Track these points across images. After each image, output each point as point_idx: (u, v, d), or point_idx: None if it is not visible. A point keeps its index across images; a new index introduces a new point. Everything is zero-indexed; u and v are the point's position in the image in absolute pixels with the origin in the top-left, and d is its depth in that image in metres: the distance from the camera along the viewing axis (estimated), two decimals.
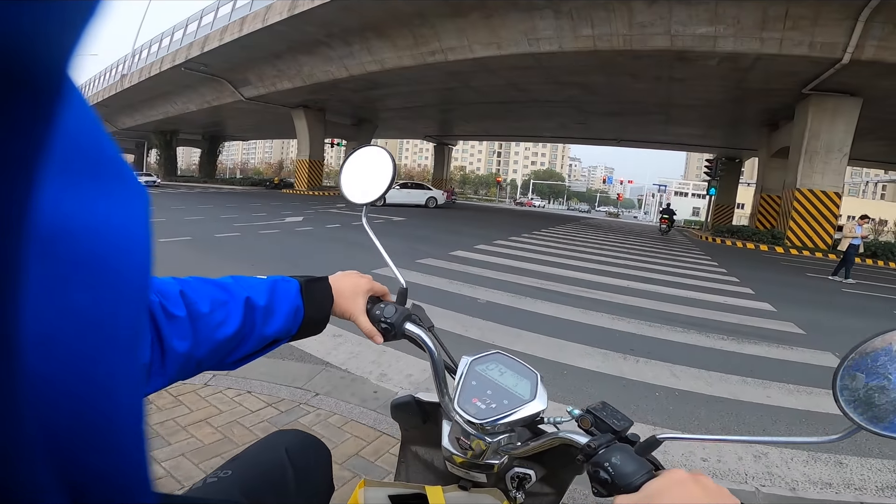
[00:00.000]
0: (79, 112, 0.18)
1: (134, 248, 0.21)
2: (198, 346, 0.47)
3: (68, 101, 0.16)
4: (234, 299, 0.53)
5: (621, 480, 0.49)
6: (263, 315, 0.56)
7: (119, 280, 0.20)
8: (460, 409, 0.63)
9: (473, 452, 0.64)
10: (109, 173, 0.20)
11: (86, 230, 0.18)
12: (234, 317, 0.51)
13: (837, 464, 2.28)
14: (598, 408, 0.59)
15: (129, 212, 0.21)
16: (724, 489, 0.45)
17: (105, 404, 0.20)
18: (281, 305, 0.58)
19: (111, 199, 0.20)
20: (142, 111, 33.81)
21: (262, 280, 0.59)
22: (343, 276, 0.71)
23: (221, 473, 0.63)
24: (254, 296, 0.55)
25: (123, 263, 0.20)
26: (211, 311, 0.49)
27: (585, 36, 12.47)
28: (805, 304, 6.19)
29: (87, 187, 0.19)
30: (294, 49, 18.23)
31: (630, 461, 0.51)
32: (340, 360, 2.95)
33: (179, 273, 0.53)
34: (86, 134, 0.19)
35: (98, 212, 0.19)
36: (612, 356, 3.48)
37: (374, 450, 2.01)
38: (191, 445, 1.91)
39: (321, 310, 0.65)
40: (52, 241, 0.17)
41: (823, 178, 14.04)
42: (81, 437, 0.20)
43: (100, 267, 0.19)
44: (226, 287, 0.53)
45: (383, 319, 0.70)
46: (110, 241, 0.19)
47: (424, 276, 5.73)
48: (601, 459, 0.52)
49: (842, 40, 10.71)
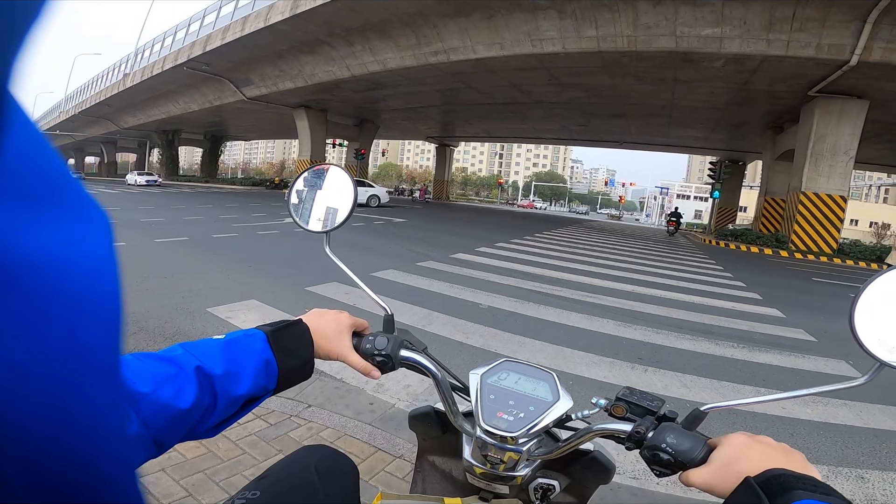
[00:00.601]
0: (25, 133, 0.17)
1: (99, 274, 0.19)
2: (147, 427, 0.43)
3: (11, 121, 0.15)
4: (183, 371, 0.48)
5: (683, 457, 0.50)
6: (224, 380, 0.51)
7: (87, 308, 0.19)
8: (488, 426, 0.60)
9: (505, 465, 0.62)
10: (65, 199, 0.19)
11: (45, 260, 0.17)
12: (186, 390, 0.47)
13: (859, 478, 2.17)
14: (626, 393, 0.60)
15: (90, 238, 0.19)
16: (785, 445, 0.47)
17: (87, 435, 0.20)
18: (245, 364, 0.53)
19: (70, 226, 0.18)
20: (144, 110, 33.77)
21: (218, 342, 0.53)
22: (320, 315, 0.66)
23: (249, 495, 0.61)
24: (206, 363, 0.50)
25: (90, 291, 0.19)
26: (154, 389, 0.44)
27: (589, 37, 12.34)
28: (814, 310, 6.05)
29: (43, 214, 0.17)
30: (296, 49, 18.15)
31: (685, 437, 0.51)
32: (335, 370, 2.82)
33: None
34: (34, 158, 0.17)
35: (57, 240, 0.18)
36: (620, 365, 3.35)
37: (368, 467, 1.89)
38: (172, 460, 1.79)
39: (299, 356, 0.59)
40: (14, 272, 0.16)
41: (829, 182, 13.88)
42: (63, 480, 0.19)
43: (65, 297, 0.18)
44: (171, 359, 0.48)
45: (377, 352, 0.66)
46: (73, 270, 0.18)
47: (425, 280, 5.61)
48: (656, 442, 0.52)
49: (849, 42, 10.58)
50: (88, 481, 0.20)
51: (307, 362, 0.60)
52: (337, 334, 0.64)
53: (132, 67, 29.13)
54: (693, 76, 14.08)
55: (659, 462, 0.52)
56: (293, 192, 0.78)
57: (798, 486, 0.40)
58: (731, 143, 24.58)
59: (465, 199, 63.72)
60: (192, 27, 22.13)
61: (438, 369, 0.67)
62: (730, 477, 0.45)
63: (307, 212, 0.77)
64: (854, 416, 2.83)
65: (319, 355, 0.63)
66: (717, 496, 0.46)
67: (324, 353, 0.63)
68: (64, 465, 0.19)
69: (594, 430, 0.59)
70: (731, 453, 0.47)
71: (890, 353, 0.48)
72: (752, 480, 0.42)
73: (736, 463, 0.45)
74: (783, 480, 0.41)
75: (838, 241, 14.38)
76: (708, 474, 0.47)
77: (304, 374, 0.60)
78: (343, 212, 0.76)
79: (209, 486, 1.67)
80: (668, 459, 0.51)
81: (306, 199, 0.78)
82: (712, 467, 0.47)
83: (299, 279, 5.18)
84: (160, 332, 3.24)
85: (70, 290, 0.18)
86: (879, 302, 0.50)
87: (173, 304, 3.93)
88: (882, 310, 0.49)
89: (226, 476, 1.73)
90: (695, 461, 0.50)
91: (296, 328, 0.61)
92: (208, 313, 3.77)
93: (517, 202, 70.82)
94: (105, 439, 0.21)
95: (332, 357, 0.64)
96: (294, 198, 0.78)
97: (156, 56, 25.67)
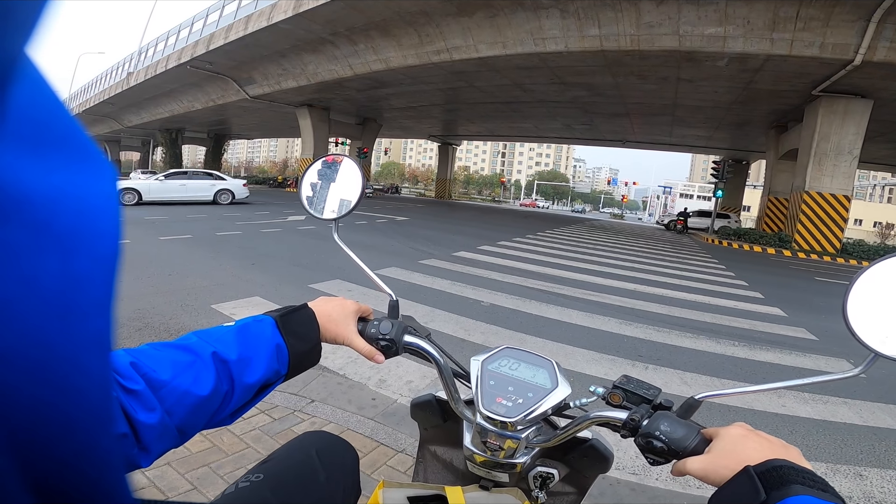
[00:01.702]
0: (38, 88, 0.18)
1: (98, 212, 0.20)
2: (171, 414, 0.44)
3: (21, 70, 0.16)
4: (200, 358, 0.49)
5: (677, 445, 0.51)
6: (239, 366, 0.52)
7: (84, 243, 0.20)
8: (487, 411, 0.61)
9: (505, 452, 0.63)
10: (72, 148, 0.20)
11: (45, 196, 0.18)
12: (205, 377, 0.48)
13: (857, 476, 2.18)
14: (623, 382, 0.60)
15: (93, 182, 0.20)
16: (780, 440, 0.47)
17: (72, 375, 0.20)
18: (258, 349, 0.54)
19: (74, 170, 0.19)
20: (148, 109, 33.89)
21: (230, 328, 0.54)
22: (326, 301, 0.67)
23: (253, 478, 0.63)
24: (221, 349, 0.51)
25: (88, 229, 0.20)
26: (174, 376, 0.45)
27: (592, 36, 12.33)
28: (816, 309, 6.04)
29: (47, 159, 0.18)
30: (299, 48, 18.18)
31: (679, 426, 0.52)
32: (338, 365, 2.84)
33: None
34: (45, 109, 0.19)
35: (59, 180, 0.19)
36: (621, 362, 3.37)
37: (370, 461, 1.91)
38: (177, 454, 1.81)
39: (307, 340, 0.60)
40: (11, 208, 0.17)
41: (833, 181, 13.85)
42: (45, 417, 0.19)
43: (62, 233, 0.19)
44: (188, 347, 0.50)
45: (381, 336, 0.67)
46: (73, 208, 0.19)
47: (427, 278, 5.63)
48: (650, 430, 0.52)
49: (853, 41, 10.55)
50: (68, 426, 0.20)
51: (315, 346, 0.61)
52: (343, 318, 0.65)
53: (136, 66, 29.23)
54: (696, 75, 14.04)
55: (653, 450, 0.52)
56: (305, 183, 0.81)
57: (797, 479, 0.40)
58: (735, 142, 24.51)
59: (467, 198, 63.59)
60: (195, 26, 22.20)
61: (441, 355, 0.68)
62: (729, 464, 0.45)
63: (319, 201, 0.80)
64: (853, 414, 2.84)
65: (326, 339, 0.64)
66: (713, 484, 0.46)
67: (330, 337, 0.64)
68: (44, 405, 0.19)
69: (591, 418, 0.60)
70: (729, 443, 0.47)
71: (883, 343, 0.48)
72: (751, 469, 0.42)
73: (734, 453, 0.46)
74: (783, 472, 0.41)
75: (842, 241, 14.33)
76: (705, 462, 0.47)
77: (313, 358, 0.61)
78: (351, 199, 0.78)
79: (214, 479, 1.70)
80: (661, 447, 0.51)
81: (318, 189, 0.80)
82: (710, 456, 0.47)
83: (303, 276, 5.21)
84: (165, 328, 3.28)
85: (67, 224, 0.19)
86: (872, 292, 0.49)
87: (178, 300, 3.96)
88: (875, 300, 0.49)
89: (230, 470, 1.76)
90: (687, 450, 0.50)
91: (302, 313, 0.62)
92: (213, 310, 3.80)
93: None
94: (90, 377, 0.21)
95: (338, 341, 0.65)
96: (304, 186, 0.81)
97: (159, 55, 25.77)
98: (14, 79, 0.15)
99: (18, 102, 0.16)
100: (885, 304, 0.48)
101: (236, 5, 18.89)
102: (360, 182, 0.78)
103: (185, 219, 10.08)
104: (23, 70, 0.16)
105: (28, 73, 0.17)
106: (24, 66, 0.16)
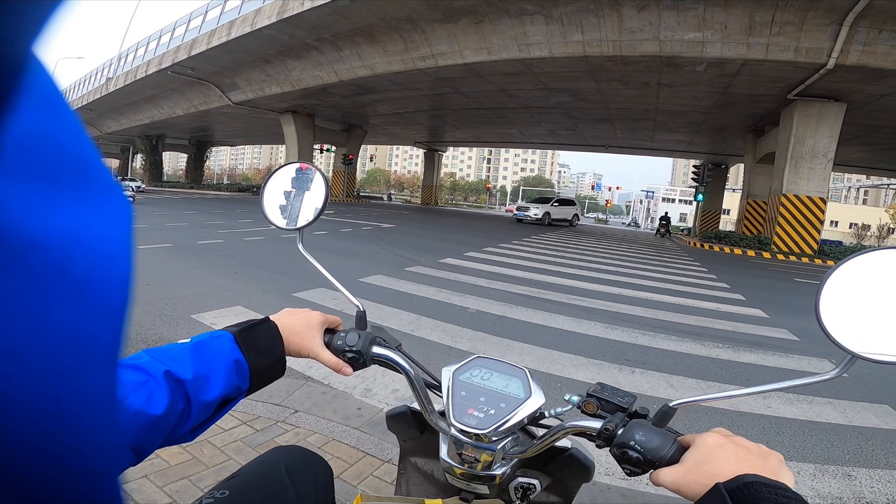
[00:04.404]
0: (51, 108, 0.16)
1: (112, 259, 0.19)
2: (122, 434, 0.42)
3: (34, 94, 0.14)
4: (152, 378, 0.47)
5: (653, 455, 0.49)
6: (195, 384, 0.50)
7: (94, 293, 0.18)
8: (458, 423, 0.59)
9: (481, 464, 0.61)
10: (88, 180, 0.18)
11: (55, 240, 0.16)
12: (157, 396, 0.46)
13: (846, 476, 2.18)
14: (598, 390, 0.59)
15: (107, 222, 0.19)
16: (761, 445, 0.46)
17: (78, 430, 0.19)
18: (215, 366, 0.53)
19: (89, 209, 0.18)
20: (127, 115, 33.28)
21: (185, 346, 0.53)
22: (290, 313, 0.66)
23: (218, 494, 0.60)
24: (175, 368, 0.49)
25: (101, 277, 0.18)
26: (124, 396, 0.44)
27: (576, 42, 12.48)
28: (797, 310, 6.16)
29: (61, 194, 0.17)
30: (283, 53, 18.06)
31: (654, 435, 0.50)
32: (322, 375, 2.79)
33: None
34: (59, 137, 0.17)
35: (72, 221, 0.17)
36: (607, 367, 3.37)
37: (356, 472, 1.86)
38: (155, 466, 1.75)
39: (269, 355, 0.59)
40: (20, 252, 0.15)
41: (809, 184, 14.16)
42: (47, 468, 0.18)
43: (74, 282, 0.17)
44: (139, 367, 0.48)
45: (347, 349, 0.65)
46: (86, 253, 0.18)
47: (413, 285, 5.59)
48: (624, 439, 0.51)
49: (827, 45, 10.82)
50: (72, 476, 0.19)
51: (279, 360, 0.60)
52: (307, 331, 0.64)
53: (115, 71, 28.71)
54: (676, 80, 14.30)
55: (628, 460, 0.50)
56: (266, 190, 0.79)
57: (770, 496, 0.39)
58: (714, 146, 24.99)
59: (453, 204, 63.63)
60: (177, 31, 21.90)
61: (412, 366, 0.66)
62: (700, 478, 0.43)
63: (278, 208, 0.78)
64: (838, 414, 2.87)
65: (290, 353, 0.62)
66: (687, 498, 0.44)
67: (294, 350, 0.63)
68: (48, 457, 0.18)
69: (565, 428, 0.58)
70: (703, 453, 0.45)
71: (860, 344, 0.47)
72: (721, 488, 0.40)
73: (707, 464, 0.44)
74: (754, 489, 0.40)
75: (819, 242, 14.66)
76: (678, 474, 0.45)
77: (277, 372, 0.60)
78: (314, 207, 0.77)
79: (194, 492, 1.64)
80: (636, 457, 0.49)
81: (278, 196, 0.78)
82: (683, 467, 0.45)
83: (286, 285, 5.12)
84: (142, 340, 3.18)
85: (79, 271, 0.17)
86: (844, 292, 0.48)
87: (156, 310, 3.86)
88: (847, 300, 0.48)
89: (210, 482, 1.70)
90: (664, 459, 0.48)
91: (263, 327, 0.60)
92: (193, 320, 3.71)
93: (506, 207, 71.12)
94: (95, 432, 0.20)
95: (302, 354, 0.63)
96: (266, 195, 0.78)
97: (140, 60, 25.32)
98: (21, 90, 0.12)
99: (28, 124, 0.14)
100: (859, 303, 0.47)
101: (220, 10, 18.70)
102: (322, 189, 0.77)
103: (165, 227, 9.89)
104: (32, 79, 0.13)
105: (39, 85, 0.15)
106: (34, 75, 0.14)
